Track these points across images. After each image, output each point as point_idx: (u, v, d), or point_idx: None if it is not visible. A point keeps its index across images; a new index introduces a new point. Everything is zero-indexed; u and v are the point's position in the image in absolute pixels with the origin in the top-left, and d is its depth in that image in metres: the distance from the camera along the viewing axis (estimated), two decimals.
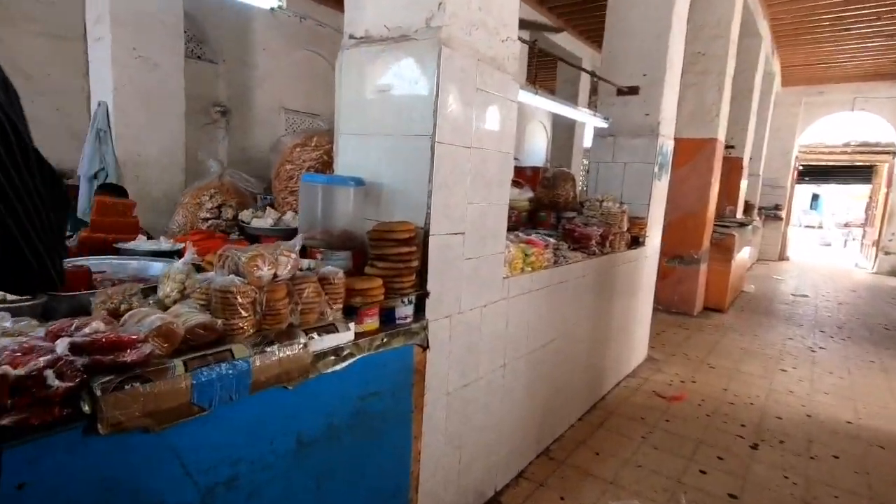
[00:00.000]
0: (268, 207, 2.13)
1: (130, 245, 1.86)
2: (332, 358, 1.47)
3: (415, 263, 1.75)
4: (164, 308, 1.34)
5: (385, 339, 1.65)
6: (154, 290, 1.42)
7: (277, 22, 6.42)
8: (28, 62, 4.82)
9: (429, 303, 1.85)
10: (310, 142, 2.16)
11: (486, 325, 2.21)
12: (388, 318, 1.72)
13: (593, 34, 7.87)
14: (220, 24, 6.02)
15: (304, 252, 1.88)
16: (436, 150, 1.77)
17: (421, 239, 1.81)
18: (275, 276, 1.35)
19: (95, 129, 3.67)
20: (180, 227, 2.13)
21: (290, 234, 1.95)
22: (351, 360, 1.52)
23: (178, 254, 1.84)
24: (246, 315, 1.27)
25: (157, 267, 1.67)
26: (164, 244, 1.93)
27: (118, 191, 3.40)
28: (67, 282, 1.38)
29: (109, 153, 3.65)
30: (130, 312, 1.19)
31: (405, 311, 1.76)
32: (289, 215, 2.09)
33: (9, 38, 4.72)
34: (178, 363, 1.10)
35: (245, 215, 2.10)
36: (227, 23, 6.05)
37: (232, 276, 1.28)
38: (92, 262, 1.73)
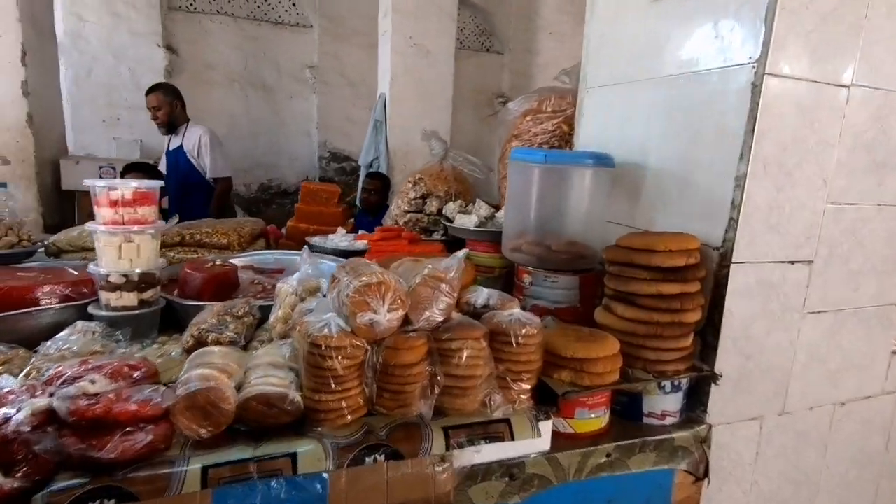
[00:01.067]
0: (478, 200, 1.58)
1: (316, 240, 1.59)
2: (503, 482, 0.80)
3: (693, 315, 0.90)
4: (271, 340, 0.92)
5: (615, 455, 0.88)
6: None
7: (567, 1, 5.93)
8: (353, 72, 5.58)
9: (716, 391, 0.97)
10: (545, 105, 1.49)
11: (839, 440, 1.15)
12: (627, 412, 0.94)
13: None
14: (507, 13, 5.89)
15: (511, 273, 1.24)
16: (764, 92, 0.87)
17: (712, 269, 0.94)
18: (406, 322, 0.76)
19: (374, 120, 3.85)
20: (393, 220, 1.79)
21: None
22: (540, 490, 0.82)
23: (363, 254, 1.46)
24: (340, 389, 0.72)
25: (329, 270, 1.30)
26: (356, 242, 1.59)
27: (381, 178, 3.47)
28: (201, 284, 1.10)
29: (383, 142, 3.78)
30: (195, 353, 0.78)
31: (664, 402, 0.93)
32: (503, 211, 1.49)
33: (341, 52, 5.55)
34: (191, 470, 0.62)
35: (449, 209, 1.59)
36: (515, 11, 5.87)
37: (331, 317, 0.74)
38: (279, 256, 1.50)
